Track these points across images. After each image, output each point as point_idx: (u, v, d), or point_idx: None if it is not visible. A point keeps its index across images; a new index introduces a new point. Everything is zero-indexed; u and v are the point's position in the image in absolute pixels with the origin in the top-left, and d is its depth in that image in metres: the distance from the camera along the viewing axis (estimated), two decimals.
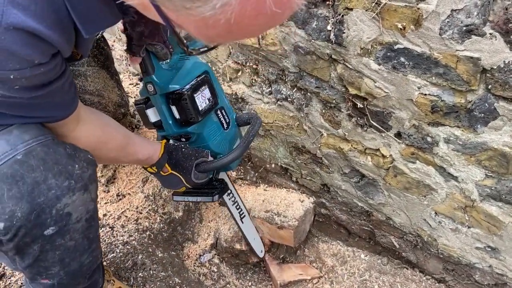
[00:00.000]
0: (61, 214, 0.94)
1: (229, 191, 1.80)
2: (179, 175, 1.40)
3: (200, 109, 1.37)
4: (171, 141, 1.49)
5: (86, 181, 0.98)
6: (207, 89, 1.40)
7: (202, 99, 1.38)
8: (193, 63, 1.42)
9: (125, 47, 1.24)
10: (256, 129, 1.53)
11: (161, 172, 1.39)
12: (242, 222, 1.93)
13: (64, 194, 0.93)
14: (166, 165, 1.38)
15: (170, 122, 1.40)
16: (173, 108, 1.36)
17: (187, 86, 1.33)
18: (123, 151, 1.26)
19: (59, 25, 0.79)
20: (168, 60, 1.36)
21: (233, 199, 1.85)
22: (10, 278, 1.57)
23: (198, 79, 1.37)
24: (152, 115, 1.43)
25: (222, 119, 1.53)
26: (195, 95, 1.34)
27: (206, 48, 0.93)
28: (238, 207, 1.89)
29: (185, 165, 1.39)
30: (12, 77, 0.77)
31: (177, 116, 1.38)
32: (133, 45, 1.22)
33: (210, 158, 1.47)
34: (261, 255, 2.04)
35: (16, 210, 0.87)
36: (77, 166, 0.96)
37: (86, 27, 0.84)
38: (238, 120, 1.61)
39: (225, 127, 1.54)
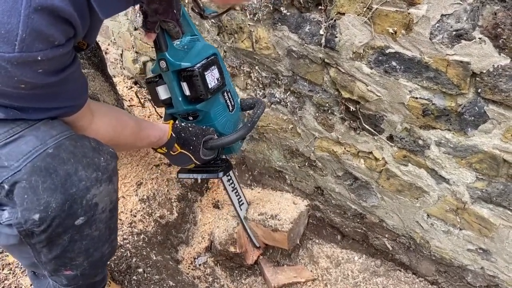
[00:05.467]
0: (90, 204, 0.97)
1: (229, 177, 1.86)
2: (188, 153, 1.46)
3: (210, 87, 1.43)
4: (177, 122, 1.53)
5: (110, 173, 1.02)
6: (216, 69, 1.46)
7: (212, 78, 1.44)
8: (203, 45, 1.48)
9: (140, 25, 1.29)
10: (261, 111, 1.60)
11: (170, 152, 1.45)
12: (241, 209, 1.98)
13: (93, 185, 0.97)
14: (176, 144, 1.43)
15: (180, 98, 1.45)
16: (184, 84, 1.42)
17: (198, 64, 1.39)
18: (138, 136, 1.30)
19: (78, 6, 0.85)
20: (179, 42, 1.42)
21: (232, 185, 1.89)
22: (3, 281, 1.57)
23: (208, 59, 1.43)
24: (163, 92, 1.48)
25: (228, 101, 1.59)
26: (205, 73, 1.40)
27: (219, 12, 1.10)
28: (237, 193, 1.94)
29: (194, 143, 1.45)
30: (39, 58, 0.81)
31: (187, 92, 1.43)
32: (147, 22, 1.27)
33: (216, 136, 1.52)
34: (258, 244, 2.07)
35: (51, 201, 0.90)
36: (102, 158, 1.01)
37: (103, 9, 0.91)
38: (242, 104, 1.68)
39: (230, 109, 1.60)
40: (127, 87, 2.69)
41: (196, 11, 1.19)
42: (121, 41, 2.71)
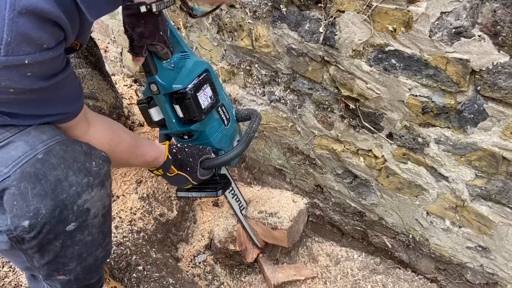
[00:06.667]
0: (81, 210, 0.96)
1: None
2: (185, 175, 1.44)
3: (203, 107, 1.40)
4: (173, 141, 1.51)
5: (103, 177, 1.01)
6: (209, 87, 1.43)
7: (205, 97, 1.41)
8: (194, 62, 1.44)
9: (127, 49, 1.27)
10: (257, 124, 1.57)
11: (167, 173, 1.43)
12: (242, 214, 1.97)
13: (84, 190, 0.96)
14: (172, 166, 1.42)
15: (174, 120, 1.43)
16: (177, 107, 1.39)
17: (190, 86, 1.36)
18: (133, 153, 1.28)
19: (65, 8, 0.83)
20: (169, 60, 1.39)
21: (232, 192, 1.89)
22: (4, 279, 1.57)
23: (200, 78, 1.40)
24: (155, 114, 1.46)
25: (223, 115, 1.56)
26: (197, 94, 1.38)
27: (207, 11, 1.07)
28: (237, 199, 1.94)
29: (190, 164, 1.43)
30: (26, 62, 0.80)
31: (180, 115, 1.41)
32: (134, 46, 1.26)
33: (213, 155, 1.50)
34: (260, 245, 2.09)
35: (40, 207, 0.89)
36: (94, 163, 0.99)
37: (91, 11, 0.89)
38: (237, 115, 1.65)
39: (225, 123, 1.57)
40: (126, 85, 2.69)
41: (185, 10, 1.18)
42: (121, 39, 2.71)
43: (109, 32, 2.78)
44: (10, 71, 0.80)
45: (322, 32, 1.56)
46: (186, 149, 1.44)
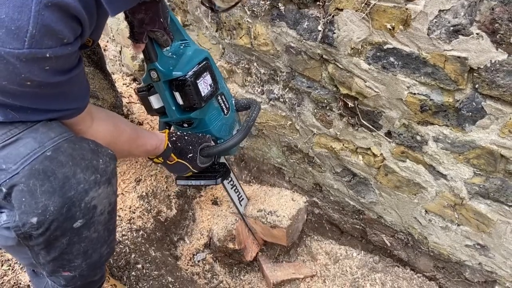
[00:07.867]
0: (89, 207, 0.97)
1: (228, 178, 1.85)
2: (185, 163, 1.45)
3: (203, 95, 1.40)
4: (172, 129, 1.51)
5: (109, 175, 1.02)
6: (209, 75, 1.44)
7: (204, 85, 1.41)
8: (194, 50, 1.45)
9: (128, 35, 1.28)
10: (256, 113, 1.58)
11: (167, 161, 1.44)
12: (241, 205, 1.98)
13: (91, 187, 0.96)
14: (172, 154, 1.43)
15: (174, 108, 1.43)
16: (177, 94, 1.40)
17: (190, 73, 1.36)
18: (134, 143, 1.30)
19: (86, 3, 0.86)
20: (169, 48, 1.40)
21: (231, 182, 1.89)
22: (3, 277, 1.57)
23: (200, 65, 1.40)
24: (155, 101, 1.46)
25: (222, 104, 1.56)
26: (197, 81, 1.38)
27: (228, 6, 1.12)
28: (236, 190, 1.94)
29: (190, 152, 1.44)
30: (47, 55, 0.82)
31: (180, 102, 1.41)
32: (135, 32, 1.27)
33: (212, 143, 1.50)
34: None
35: (49, 204, 0.90)
36: (101, 160, 1.00)
37: (111, 5, 0.92)
38: (237, 105, 1.66)
39: (225, 112, 1.58)
40: (126, 84, 2.69)
41: (207, 5, 1.19)
42: (120, 38, 2.71)
43: (108, 30, 2.78)
44: (31, 63, 0.81)
45: (320, 31, 1.56)
46: (186, 137, 1.45)
